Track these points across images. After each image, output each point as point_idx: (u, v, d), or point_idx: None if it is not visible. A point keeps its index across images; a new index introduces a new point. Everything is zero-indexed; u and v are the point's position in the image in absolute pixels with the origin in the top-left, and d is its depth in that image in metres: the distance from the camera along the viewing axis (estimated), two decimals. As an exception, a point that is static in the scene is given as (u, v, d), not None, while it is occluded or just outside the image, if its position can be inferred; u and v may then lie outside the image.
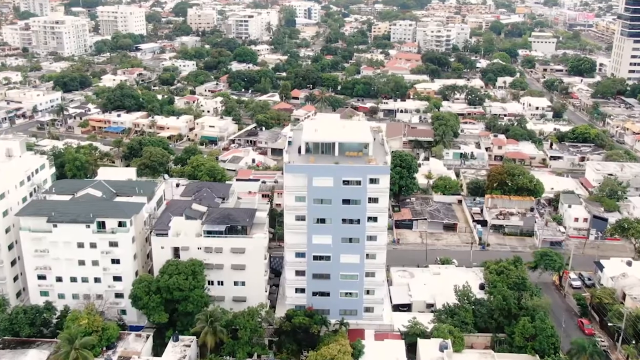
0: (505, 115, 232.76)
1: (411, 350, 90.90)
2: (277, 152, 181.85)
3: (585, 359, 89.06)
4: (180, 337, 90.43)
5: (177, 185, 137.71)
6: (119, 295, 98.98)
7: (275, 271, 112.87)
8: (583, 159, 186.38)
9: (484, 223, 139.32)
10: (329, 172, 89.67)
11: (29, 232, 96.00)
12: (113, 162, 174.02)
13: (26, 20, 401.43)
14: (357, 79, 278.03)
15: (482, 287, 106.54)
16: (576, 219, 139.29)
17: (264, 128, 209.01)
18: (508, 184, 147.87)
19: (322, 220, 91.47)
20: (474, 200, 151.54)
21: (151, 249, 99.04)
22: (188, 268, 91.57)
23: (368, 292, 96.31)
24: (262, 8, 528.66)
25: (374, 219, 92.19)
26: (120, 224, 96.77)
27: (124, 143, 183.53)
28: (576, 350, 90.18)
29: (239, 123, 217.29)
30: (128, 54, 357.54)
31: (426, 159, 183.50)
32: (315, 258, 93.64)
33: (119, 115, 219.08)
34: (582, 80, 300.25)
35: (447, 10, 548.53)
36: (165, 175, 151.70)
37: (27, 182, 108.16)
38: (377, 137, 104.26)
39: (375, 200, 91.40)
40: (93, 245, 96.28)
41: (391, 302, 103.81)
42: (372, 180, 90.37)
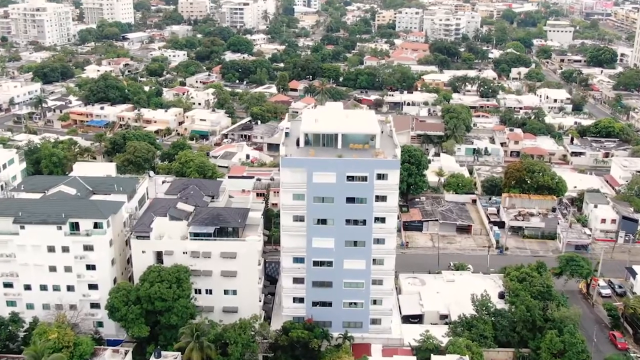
0: (521, 109, 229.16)
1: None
2: (274, 147, 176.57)
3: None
4: (163, 353, 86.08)
5: (162, 183, 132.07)
6: (95, 306, 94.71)
7: (271, 278, 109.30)
8: (607, 154, 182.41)
9: (501, 225, 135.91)
10: (331, 167, 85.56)
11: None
12: (94, 158, 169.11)
13: (5, 8, 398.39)
14: (360, 70, 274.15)
15: (502, 296, 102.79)
16: (603, 220, 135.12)
17: (259, 122, 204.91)
18: (527, 182, 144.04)
19: (323, 221, 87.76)
20: (490, 199, 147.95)
21: (131, 253, 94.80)
22: (172, 275, 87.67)
23: (375, 302, 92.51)
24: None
25: (382, 220, 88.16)
26: (96, 225, 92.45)
27: (107, 137, 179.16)
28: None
29: (233, 116, 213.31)
30: (114, 44, 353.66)
31: (436, 154, 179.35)
32: (316, 264, 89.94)
33: (102, 108, 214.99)
34: (602, 71, 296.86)
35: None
36: (151, 172, 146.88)
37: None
38: (385, 128, 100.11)
39: (383, 198, 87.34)
40: (65, 249, 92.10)
41: (400, 313, 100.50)
42: (380, 176, 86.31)
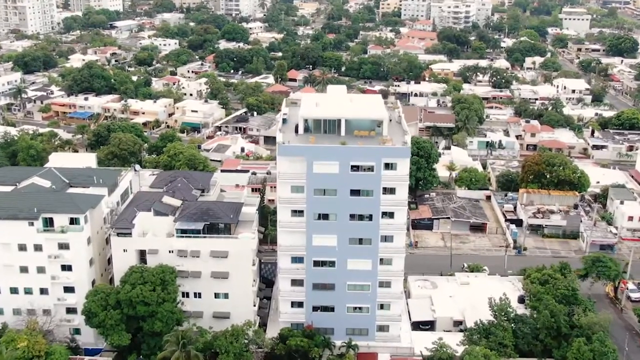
0: (537, 100, 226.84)
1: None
2: (271, 140, 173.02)
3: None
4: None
5: (150, 177, 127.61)
6: (71, 311, 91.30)
7: (267, 281, 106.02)
8: (631, 148, 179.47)
9: (518, 223, 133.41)
10: (334, 155, 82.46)
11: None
12: (76, 152, 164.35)
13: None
14: (364, 58, 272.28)
15: (522, 301, 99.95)
16: (630, 218, 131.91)
17: (255, 113, 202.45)
18: (547, 177, 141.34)
19: (324, 216, 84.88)
20: (506, 195, 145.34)
21: (111, 252, 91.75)
22: (156, 276, 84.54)
23: (382, 307, 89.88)
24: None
25: (390, 215, 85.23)
26: (73, 221, 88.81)
27: (90, 129, 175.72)
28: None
29: (227, 108, 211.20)
30: (101, 32, 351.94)
31: (446, 148, 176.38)
32: (316, 264, 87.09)
33: (86, 99, 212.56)
34: (622, 61, 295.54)
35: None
36: (137, 166, 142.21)
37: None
38: (393, 114, 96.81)
39: (391, 190, 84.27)
40: (38, 248, 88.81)
41: (410, 319, 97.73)
42: (388, 166, 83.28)
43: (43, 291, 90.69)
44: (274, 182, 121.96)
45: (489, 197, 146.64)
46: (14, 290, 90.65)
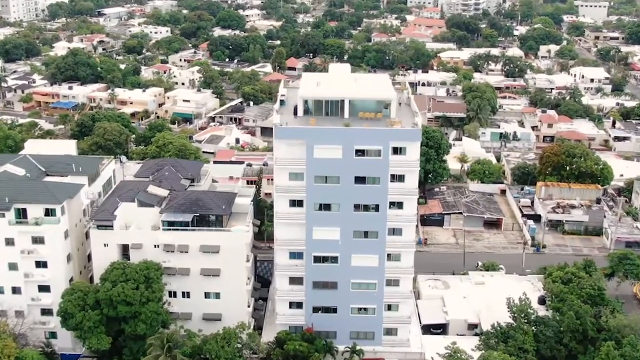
0: (553, 89, 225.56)
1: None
2: (268, 131, 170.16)
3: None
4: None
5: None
6: (47, 312, 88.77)
7: (263, 280, 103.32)
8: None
9: (536, 218, 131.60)
10: (337, 138, 79.77)
11: None
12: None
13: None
14: (368, 46, 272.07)
15: (542, 302, 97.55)
16: None
17: (251, 103, 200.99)
18: (566, 169, 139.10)
19: (326, 207, 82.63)
20: (522, 189, 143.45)
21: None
22: (140, 273, 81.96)
23: (390, 308, 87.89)
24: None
25: (399, 205, 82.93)
26: (48, 212, 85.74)
27: (73, 119, 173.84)
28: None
29: (221, 98, 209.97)
30: (88, 20, 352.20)
31: (457, 139, 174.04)
32: (317, 260, 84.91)
33: (70, 88, 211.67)
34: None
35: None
36: (123, 157, 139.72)
37: None
38: (402, 96, 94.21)
39: (400, 178, 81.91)
40: (10, 242, 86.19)
41: (420, 322, 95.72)
42: (397, 150, 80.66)
43: (15, 290, 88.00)
44: (271, 174, 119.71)
45: (503, 192, 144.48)
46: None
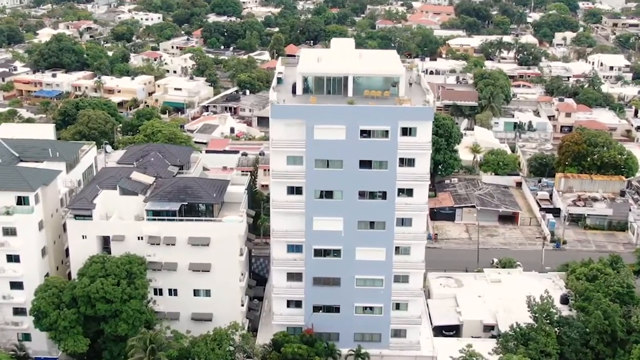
0: (570, 77, 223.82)
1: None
2: (266, 121, 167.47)
3: None
4: (108, 374, 79.33)
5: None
6: (20, 312, 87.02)
7: (259, 277, 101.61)
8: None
9: (555, 212, 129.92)
10: (340, 117, 77.74)
11: None
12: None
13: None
14: (372, 32, 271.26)
15: (565, 301, 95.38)
16: None
17: (248, 92, 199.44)
18: (587, 159, 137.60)
19: (328, 194, 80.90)
20: (540, 182, 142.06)
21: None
22: (121, 268, 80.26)
23: (398, 307, 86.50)
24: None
25: (408, 192, 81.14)
26: (21, 200, 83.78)
27: (55, 107, 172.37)
28: None
29: (215, 86, 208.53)
30: (75, 6, 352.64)
31: (468, 129, 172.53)
32: (318, 253, 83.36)
33: (54, 76, 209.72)
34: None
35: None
36: (108, 147, 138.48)
37: None
38: (411, 75, 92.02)
39: (410, 162, 79.96)
40: None
41: (431, 323, 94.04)
42: (406, 131, 78.65)
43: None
44: (268, 164, 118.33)
45: (519, 184, 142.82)
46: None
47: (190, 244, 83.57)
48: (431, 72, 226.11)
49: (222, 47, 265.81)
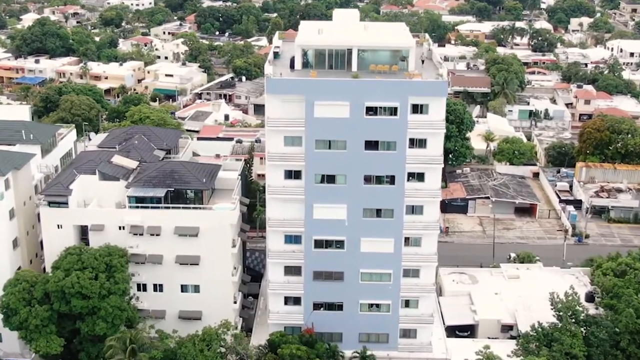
0: (587, 64, 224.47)
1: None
2: (263, 109, 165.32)
3: None
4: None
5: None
6: None
7: (254, 273, 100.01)
8: None
9: (576, 204, 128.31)
10: (343, 92, 75.16)
11: None
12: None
13: None
14: (376, 17, 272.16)
15: (590, 298, 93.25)
16: None
17: (244, 78, 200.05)
18: (610, 147, 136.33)
19: (330, 179, 78.95)
20: (558, 172, 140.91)
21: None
22: (99, 260, 78.04)
23: (408, 304, 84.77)
24: None
25: (419, 177, 78.98)
26: None
27: (36, 93, 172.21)
28: None
29: (209, 73, 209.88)
30: None
31: (480, 117, 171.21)
32: (319, 244, 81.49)
33: (37, 62, 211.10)
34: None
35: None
36: (92, 134, 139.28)
37: None
38: (422, 50, 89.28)
39: (421, 143, 77.64)
40: None
41: (443, 323, 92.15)
42: (417, 108, 76.13)
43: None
44: (264, 152, 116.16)
45: (536, 174, 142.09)
46: None
47: (177, 234, 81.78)
48: (440, 58, 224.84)
49: (217, 32, 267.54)
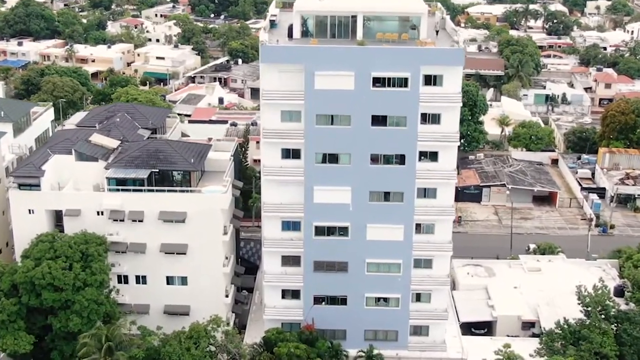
0: (606, 48, 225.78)
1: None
2: (259, 94, 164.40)
3: None
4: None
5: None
6: None
7: (249, 264, 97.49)
8: None
9: (599, 192, 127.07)
10: (348, 60, 72.38)
11: None
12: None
13: None
14: None
15: (620, 293, 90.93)
16: None
17: (240, 61, 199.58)
18: (636, 132, 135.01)
19: (332, 158, 76.43)
20: (579, 158, 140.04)
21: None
22: (74, 248, 75.44)
23: (419, 298, 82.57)
24: None
25: (432, 156, 76.43)
26: None
27: (17, 75, 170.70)
28: None
29: (203, 56, 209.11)
30: None
31: (493, 100, 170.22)
32: (320, 231, 79.15)
33: (20, 44, 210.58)
34: None
35: None
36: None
37: None
38: (435, 18, 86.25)
39: (434, 118, 74.85)
40: None
41: (457, 319, 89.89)
42: (430, 79, 73.32)
43: None
44: (259, 135, 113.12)
45: (555, 161, 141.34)
46: None
47: (162, 220, 79.15)
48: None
49: (212, 15, 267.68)
